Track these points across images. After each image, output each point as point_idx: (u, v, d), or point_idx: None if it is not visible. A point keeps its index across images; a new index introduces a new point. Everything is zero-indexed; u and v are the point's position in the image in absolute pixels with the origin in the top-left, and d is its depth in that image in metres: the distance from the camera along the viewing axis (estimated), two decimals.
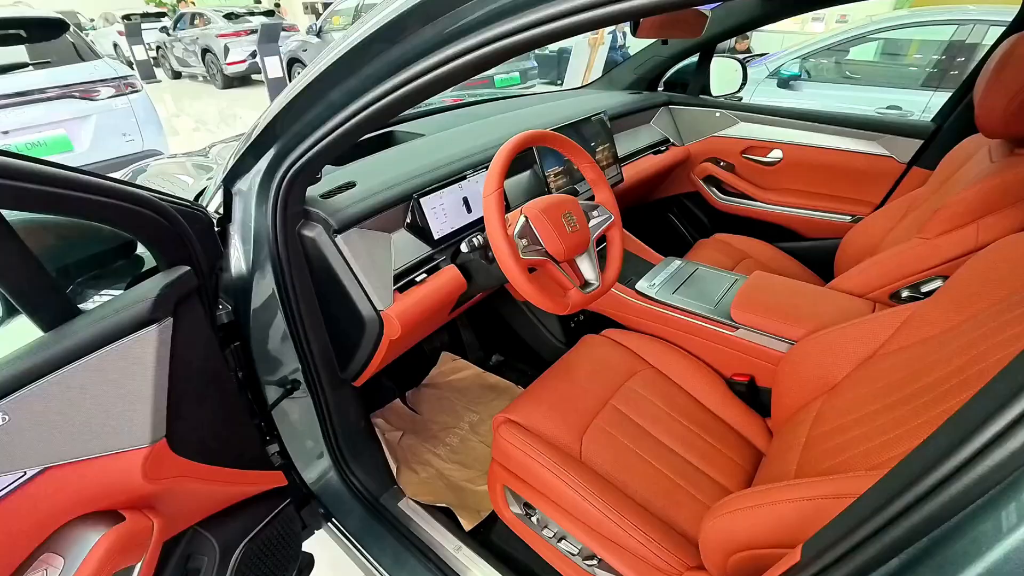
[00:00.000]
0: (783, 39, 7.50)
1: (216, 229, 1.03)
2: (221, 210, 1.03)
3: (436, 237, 1.12)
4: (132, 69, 10.17)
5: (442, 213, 1.13)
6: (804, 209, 1.84)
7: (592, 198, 1.16)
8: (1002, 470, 0.35)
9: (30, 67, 3.11)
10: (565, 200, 1.02)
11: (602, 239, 1.15)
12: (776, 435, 1.07)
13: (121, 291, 0.77)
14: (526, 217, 0.97)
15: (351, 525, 1.23)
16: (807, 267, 1.71)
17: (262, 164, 0.92)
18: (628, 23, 0.93)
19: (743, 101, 3.35)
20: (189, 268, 0.76)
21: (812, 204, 1.82)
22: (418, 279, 1.07)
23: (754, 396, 1.22)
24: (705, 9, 1.50)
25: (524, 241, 0.95)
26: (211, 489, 0.82)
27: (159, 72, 10.79)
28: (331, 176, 1.13)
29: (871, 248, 1.44)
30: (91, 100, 3.22)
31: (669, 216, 2.23)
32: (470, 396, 1.68)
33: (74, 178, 0.62)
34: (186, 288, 0.74)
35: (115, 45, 11.41)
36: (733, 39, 8.12)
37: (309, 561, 1.27)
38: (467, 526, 1.23)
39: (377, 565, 1.15)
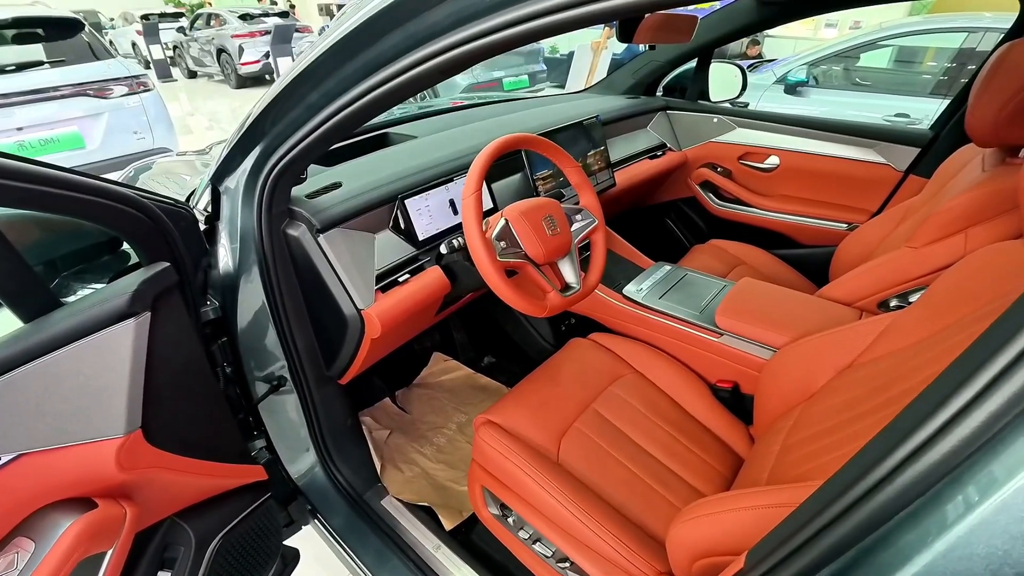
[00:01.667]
0: (795, 45, 7.45)
1: (205, 227, 1.05)
2: (210, 208, 1.05)
3: (421, 238, 1.13)
4: (149, 68, 10.31)
5: (427, 214, 1.15)
6: (800, 216, 1.82)
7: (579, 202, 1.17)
8: (923, 482, 0.35)
9: (46, 65, 3.19)
10: (546, 203, 1.03)
11: (588, 243, 1.16)
12: (756, 442, 1.07)
13: (104, 285, 0.79)
14: (506, 220, 0.98)
15: (335, 521, 1.24)
16: (802, 274, 1.70)
17: (248, 163, 0.94)
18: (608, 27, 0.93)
19: (749, 107, 3.34)
20: (169, 264, 0.77)
21: (808, 211, 1.81)
22: (401, 279, 1.08)
23: (738, 403, 1.22)
24: (697, 13, 1.50)
25: (503, 243, 0.96)
26: (188, 481, 0.84)
27: (175, 71, 10.99)
28: (319, 176, 1.15)
29: (865, 256, 1.43)
30: (104, 98, 3.29)
31: (666, 221, 2.22)
32: (460, 397, 1.69)
33: (55, 175, 0.64)
34: (165, 283, 0.76)
35: (133, 44, 11.65)
36: (743, 45, 8.08)
37: (294, 555, 1.28)
38: (448, 526, 1.24)
39: (360, 562, 1.16)
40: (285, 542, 1.28)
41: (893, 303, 1.18)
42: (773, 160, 1.85)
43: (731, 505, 0.68)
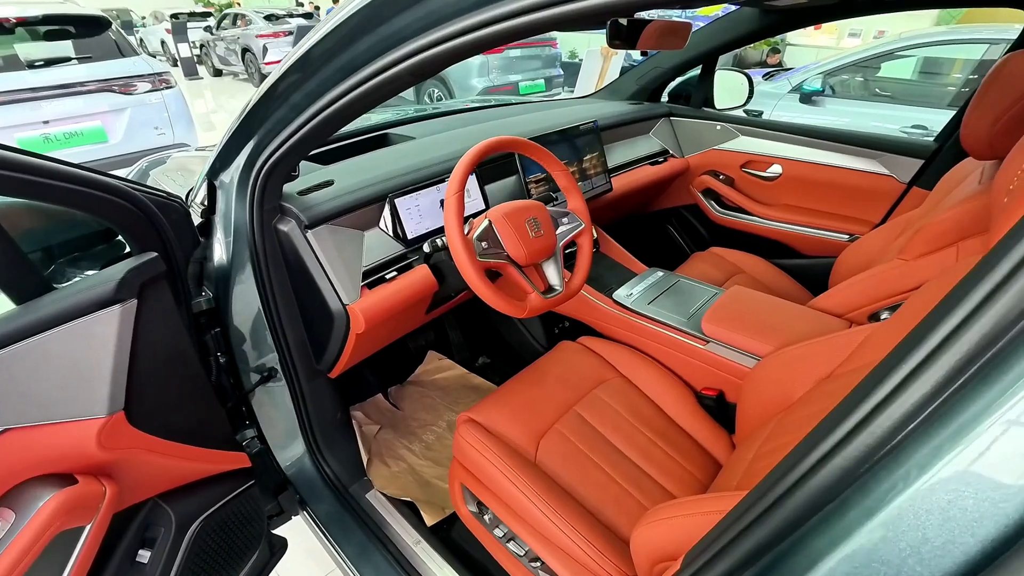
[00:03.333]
0: (817, 54, 7.35)
1: (201, 220, 1.09)
2: (206, 202, 1.08)
3: (410, 237, 1.15)
4: (176, 66, 10.54)
5: (417, 214, 1.17)
6: (802, 226, 1.81)
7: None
8: (835, 488, 0.36)
9: (74, 61, 3.31)
10: (531, 205, 1.04)
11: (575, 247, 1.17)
12: (735, 450, 1.06)
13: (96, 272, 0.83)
14: (489, 221, 0.99)
15: (321, 512, 1.26)
16: (802, 285, 1.68)
17: (241, 159, 0.97)
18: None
19: (763, 115, 3.29)
20: (157, 254, 0.80)
21: (810, 221, 1.79)
22: (388, 276, 1.10)
23: (722, 411, 1.21)
24: (700, 20, 1.49)
25: (484, 244, 0.98)
26: (169, 463, 0.87)
27: (201, 69, 11.26)
28: (313, 174, 1.18)
29: (864, 268, 1.41)
30: (128, 94, 3.40)
31: (668, 228, 2.21)
32: (452, 396, 1.71)
33: (46, 166, 0.68)
34: (152, 272, 0.79)
35: (162, 42, 11.99)
36: (764, 53, 7.98)
37: (282, 544, 1.31)
38: (429, 521, 1.26)
39: (343, 555, 1.18)
40: (275, 531, 1.31)
41: (884, 315, 1.16)
42: (776, 169, 1.84)
43: (689, 510, 0.68)
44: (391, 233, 1.15)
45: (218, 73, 11.26)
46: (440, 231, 1.21)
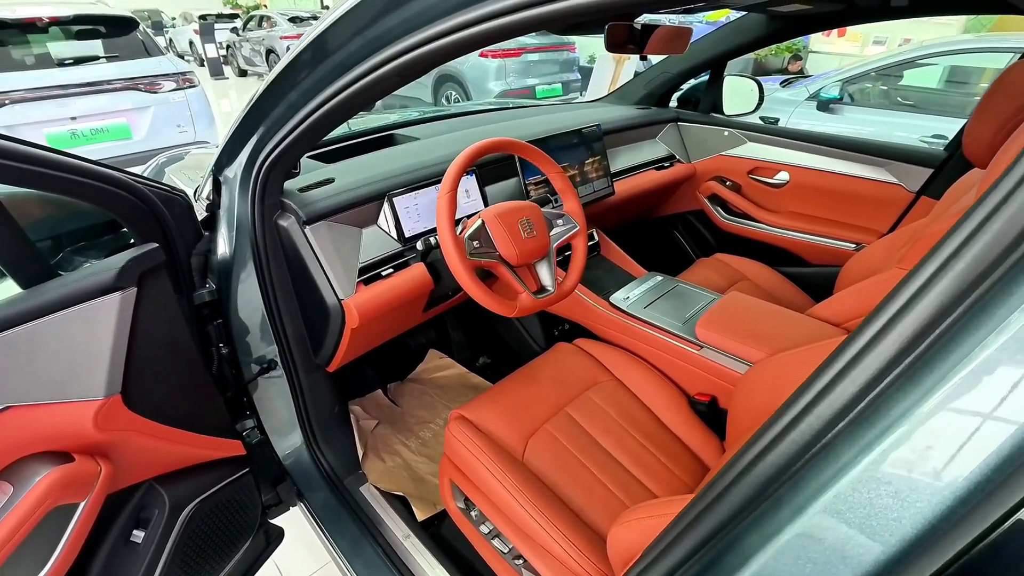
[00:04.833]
0: (840, 61, 7.23)
1: (206, 214, 1.12)
2: (212, 196, 1.12)
3: (407, 235, 1.17)
4: (203, 66, 10.79)
5: (415, 213, 1.19)
6: (808, 234, 1.78)
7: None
8: (769, 487, 0.36)
9: (102, 59, 3.43)
10: (525, 206, 1.06)
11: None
12: (723, 455, 1.06)
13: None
14: (482, 220, 1.01)
15: (316, 504, 1.29)
16: (807, 293, 1.66)
17: (244, 156, 1.00)
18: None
19: (779, 122, 3.24)
20: (157, 245, 0.84)
21: (817, 229, 1.77)
22: (384, 273, 1.13)
23: (715, 417, 1.21)
24: (709, 27, 1.49)
25: (476, 243, 0.99)
26: (163, 447, 0.90)
27: (227, 70, 11.54)
28: (314, 172, 1.21)
29: (868, 277, 1.39)
30: (153, 92, 3.51)
31: (674, 233, 2.21)
32: (451, 394, 1.73)
33: (52, 158, 0.71)
34: (152, 263, 0.82)
35: (191, 43, 12.32)
36: (785, 60, 7.89)
37: (279, 533, 1.34)
38: (420, 516, 1.27)
39: (336, 547, 1.21)
40: (273, 521, 1.33)
41: None
42: (783, 176, 1.82)
43: (663, 510, 0.68)
44: (389, 231, 1.17)
45: (243, 73, 11.51)
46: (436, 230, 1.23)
